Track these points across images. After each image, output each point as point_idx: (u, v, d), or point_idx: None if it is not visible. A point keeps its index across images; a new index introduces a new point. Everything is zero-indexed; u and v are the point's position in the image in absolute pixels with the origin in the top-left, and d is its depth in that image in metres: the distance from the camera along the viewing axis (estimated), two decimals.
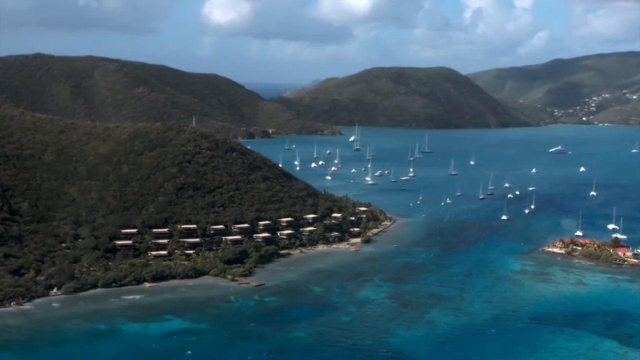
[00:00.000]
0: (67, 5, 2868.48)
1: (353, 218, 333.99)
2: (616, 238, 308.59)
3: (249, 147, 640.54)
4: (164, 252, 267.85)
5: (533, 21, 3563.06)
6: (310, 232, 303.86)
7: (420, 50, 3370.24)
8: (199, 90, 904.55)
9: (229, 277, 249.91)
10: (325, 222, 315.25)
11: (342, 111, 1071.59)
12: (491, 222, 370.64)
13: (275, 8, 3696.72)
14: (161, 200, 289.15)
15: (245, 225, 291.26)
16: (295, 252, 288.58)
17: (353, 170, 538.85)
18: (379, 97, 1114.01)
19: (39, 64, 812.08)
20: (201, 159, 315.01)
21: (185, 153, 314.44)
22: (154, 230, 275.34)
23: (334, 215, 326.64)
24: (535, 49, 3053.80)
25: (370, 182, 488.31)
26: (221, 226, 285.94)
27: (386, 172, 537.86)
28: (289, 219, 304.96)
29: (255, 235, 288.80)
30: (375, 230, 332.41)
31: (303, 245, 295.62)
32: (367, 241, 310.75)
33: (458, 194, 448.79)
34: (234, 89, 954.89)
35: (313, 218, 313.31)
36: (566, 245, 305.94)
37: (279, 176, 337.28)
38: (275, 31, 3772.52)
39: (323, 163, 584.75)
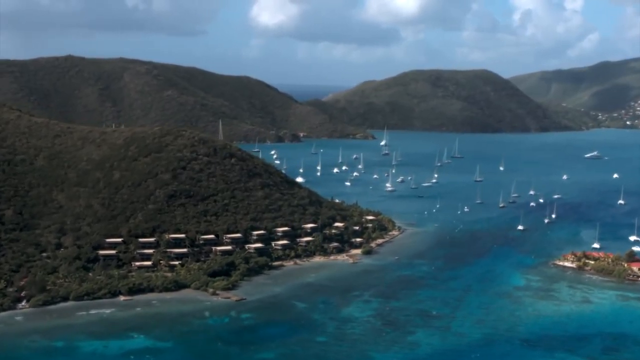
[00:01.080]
0: (116, 8, 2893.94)
1: (357, 228, 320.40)
2: (631, 252, 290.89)
3: (272, 151, 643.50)
4: (148, 263, 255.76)
5: (583, 23, 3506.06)
6: (307, 242, 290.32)
7: (468, 53, 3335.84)
8: (231, 93, 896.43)
9: (211, 290, 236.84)
10: (325, 232, 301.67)
11: (377, 114, 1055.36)
12: (506, 232, 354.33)
13: (322, 10, 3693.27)
14: (150, 208, 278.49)
15: (238, 235, 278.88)
16: (289, 264, 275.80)
17: (375, 176, 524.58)
18: (415, 100, 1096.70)
19: (69, 66, 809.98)
20: (197, 165, 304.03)
21: (181, 159, 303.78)
22: (140, 239, 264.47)
23: (336, 224, 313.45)
24: (585, 52, 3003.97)
25: (390, 189, 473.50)
26: (211, 236, 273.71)
27: (409, 178, 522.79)
28: (285, 228, 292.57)
29: (247, 246, 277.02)
30: (380, 241, 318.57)
31: (298, 256, 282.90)
32: (368, 252, 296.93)
33: (478, 201, 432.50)
34: (266, 92, 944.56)
35: (312, 228, 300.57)
36: (578, 259, 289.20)
37: (280, 183, 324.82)
38: (323, 33, 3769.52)
39: (346, 168, 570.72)
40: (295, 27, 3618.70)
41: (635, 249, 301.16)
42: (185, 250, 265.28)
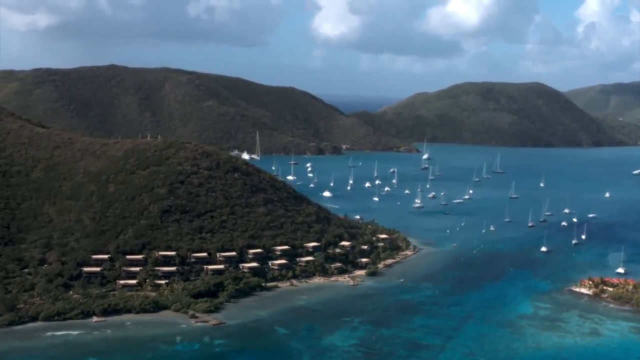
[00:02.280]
0: (179, 18, 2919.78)
1: (366, 247, 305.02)
2: None
3: (308, 164, 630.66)
4: (133, 282, 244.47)
5: None
6: (308, 262, 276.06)
7: (531, 65, 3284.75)
8: (274, 104, 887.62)
9: (190, 313, 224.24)
10: (329, 251, 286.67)
11: (425, 127, 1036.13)
12: (528, 254, 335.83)
13: (384, 21, 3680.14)
14: (142, 223, 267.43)
15: (232, 253, 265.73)
16: (284, 285, 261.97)
17: (407, 191, 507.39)
18: (465, 113, 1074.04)
19: (111, 75, 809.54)
20: (196, 179, 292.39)
21: (180, 173, 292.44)
22: (128, 256, 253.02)
23: (342, 243, 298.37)
24: None
25: (417, 205, 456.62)
26: (204, 254, 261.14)
27: (442, 193, 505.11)
28: (284, 247, 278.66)
29: (242, 265, 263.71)
30: (389, 261, 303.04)
31: (296, 277, 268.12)
32: (372, 274, 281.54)
33: (506, 220, 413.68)
34: (311, 103, 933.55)
35: (314, 247, 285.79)
36: (595, 285, 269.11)
37: (287, 199, 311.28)
38: (384, 45, 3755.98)
39: (379, 182, 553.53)
40: (357, 38, 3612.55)
41: None
42: (174, 268, 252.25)
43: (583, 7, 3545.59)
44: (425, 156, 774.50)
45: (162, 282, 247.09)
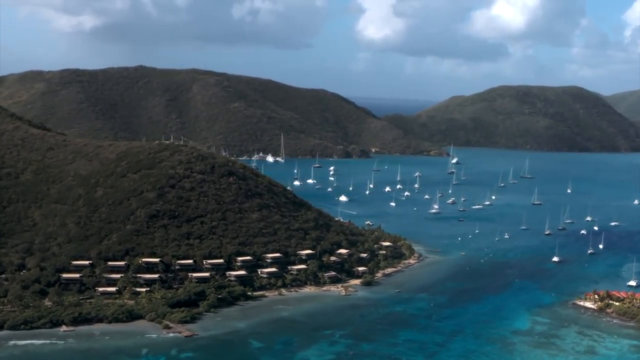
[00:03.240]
0: (223, 20, 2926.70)
1: (365, 255, 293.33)
2: None
3: (332, 167, 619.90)
4: (112, 289, 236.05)
5: None
6: (299, 271, 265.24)
7: (577, 69, 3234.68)
8: (304, 106, 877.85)
9: (164, 323, 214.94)
10: (323, 259, 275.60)
11: (459, 131, 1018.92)
12: (538, 263, 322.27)
13: (428, 24, 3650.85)
14: (128, 229, 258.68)
15: (219, 260, 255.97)
16: (272, 295, 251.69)
17: (426, 196, 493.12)
18: (500, 116, 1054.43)
19: (139, 76, 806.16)
20: (188, 183, 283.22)
21: (171, 176, 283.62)
22: (109, 263, 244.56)
23: (340, 251, 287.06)
24: None
25: (433, 211, 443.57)
26: (189, 261, 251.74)
27: (462, 199, 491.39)
28: (276, 254, 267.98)
29: (228, 273, 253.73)
30: (389, 270, 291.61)
31: (285, 286, 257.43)
32: (368, 283, 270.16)
33: (523, 227, 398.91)
34: (342, 106, 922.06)
35: (307, 254, 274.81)
36: (600, 299, 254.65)
37: (284, 205, 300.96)
38: (429, 48, 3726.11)
39: (400, 187, 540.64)
40: (401, 41, 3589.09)
41: None
42: (156, 276, 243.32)
43: (630, 10, 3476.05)
44: (454, 160, 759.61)
45: (143, 290, 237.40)
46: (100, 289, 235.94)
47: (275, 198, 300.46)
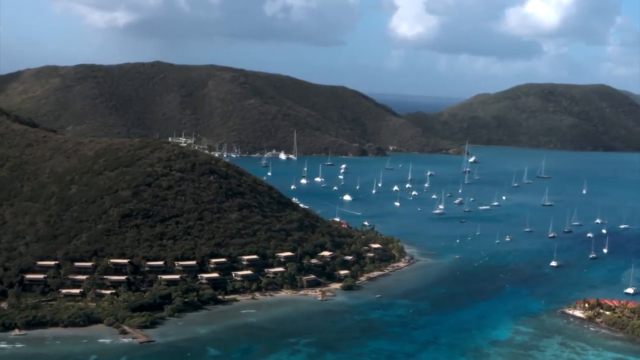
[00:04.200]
0: (256, 17, 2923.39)
1: (350, 257, 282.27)
2: None
3: (344, 165, 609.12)
4: (76, 291, 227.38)
5: None
6: (276, 274, 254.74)
7: (612, 68, 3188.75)
8: (322, 103, 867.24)
9: (122, 328, 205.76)
10: (303, 262, 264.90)
11: (481, 129, 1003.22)
12: (535, 268, 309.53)
13: (461, 22, 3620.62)
14: (99, 228, 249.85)
15: (192, 262, 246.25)
16: (244, 299, 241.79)
17: (434, 196, 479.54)
18: (524, 115, 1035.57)
19: (155, 72, 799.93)
20: (165, 181, 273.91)
21: (149, 174, 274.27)
22: (76, 263, 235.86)
23: (322, 253, 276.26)
24: None
25: (437, 211, 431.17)
26: (159, 263, 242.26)
27: (470, 199, 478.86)
28: (253, 256, 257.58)
29: (200, 276, 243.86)
30: (375, 274, 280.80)
31: (260, 289, 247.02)
32: (349, 288, 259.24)
33: (527, 229, 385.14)
34: (361, 103, 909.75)
35: (287, 257, 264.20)
36: (591, 308, 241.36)
37: (268, 204, 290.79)
38: (462, 45, 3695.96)
39: (409, 186, 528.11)
40: (434, 38, 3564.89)
41: None
42: (123, 277, 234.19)
43: None
44: (471, 159, 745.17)
45: (108, 292, 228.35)
46: (64, 291, 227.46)
47: (258, 197, 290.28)
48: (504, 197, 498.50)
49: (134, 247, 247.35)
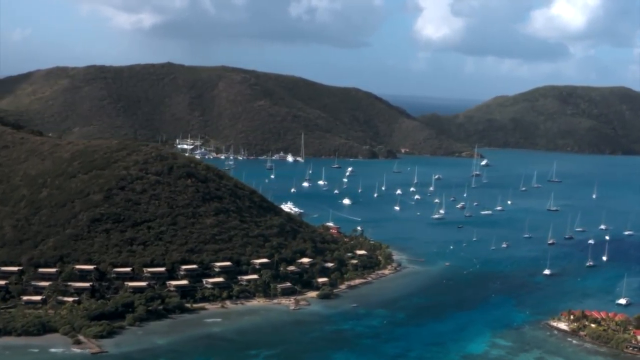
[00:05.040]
0: (281, 18, 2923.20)
1: (331, 264, 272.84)
2: None
3: (350, 168, 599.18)
4: (37, 298, 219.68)
5: None
6: (249, 281, 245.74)
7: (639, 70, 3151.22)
8: (334, 105, 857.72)
9: (75, 338, 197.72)
10: (280, 269, 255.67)
11: (497, 132, 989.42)
12: (527, 277, 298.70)
13: (487, 24, 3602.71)
14: (67, 233, 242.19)
15: (161, 269, 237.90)
16: (213, 307, 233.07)
17: (436, 200, 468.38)
18: (541, 117, 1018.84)
19: (165, 73, 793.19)
20: (139, 185, 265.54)
21: (122, 178, 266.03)
22: (40, 269, 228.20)
23: (301, 260, 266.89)
24: None
25: (437, 216, 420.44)
26: (127, 269, 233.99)
27: (474, 204, 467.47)
28: (226, 263, 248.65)
29: (169, 283, 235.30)
30: (357, 282, 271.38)
31: (231, 297, 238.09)
32: (325, 296, 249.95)
33: (526, 235, 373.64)
34: (374, 105, 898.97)
35: (262, 264, 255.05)
36: (576, 320, 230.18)
37: (247, 209, 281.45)
38: (488, 47, 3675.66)
39: (413, 190, 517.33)
40: (460, 40, 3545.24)
41: None
42: (87, 284, 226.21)
43: None
44: (483, 162, 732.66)
45: (70, 299, 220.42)
46: (25, 298, 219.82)
47: (237, 202, 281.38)
48: (509, 202, 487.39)
49: (102, 252, 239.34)
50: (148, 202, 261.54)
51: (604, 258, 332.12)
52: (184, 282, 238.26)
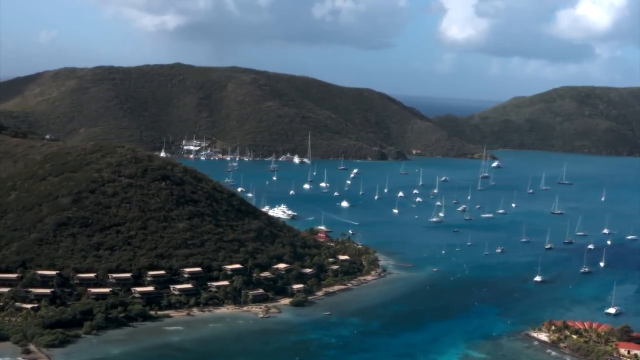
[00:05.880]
0: (304, 20, 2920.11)
1: (310, 270, 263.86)
2: (626, 326, 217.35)
3: (355, 169, 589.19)
4: None
5: None
6: (219, 287, 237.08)
7: None
8: (345, 106, 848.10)
9: (25, 348, 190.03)
10: (253, 275, 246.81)
11: (513, 133, 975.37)
12: (516, 284, 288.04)
13: (512, 25, 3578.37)
14: (31, 237, 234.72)
15: (126, 274, 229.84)
16: (179, 315, 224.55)
17: (438, 203, 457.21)
18: (558, 118, 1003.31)
19: (174, 74, 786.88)
20: (111, 188, 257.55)
21: (94, 180, 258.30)
22: (0, 275, 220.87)
23: (277, 266, 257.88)
24: None
25: (435, 219, 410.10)
26: (91, 275, 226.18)
27: (477, 206, 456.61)
28: (195, 269, 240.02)
29: (134, 289, 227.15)
30: (335, 288, 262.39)
31: (199, 304, 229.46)
32: (299, 304, 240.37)
33: (523, 240, 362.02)
34: (386, 106, 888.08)
35: (234, 269, 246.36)
36: (558, 330, 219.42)
37: (224, 213, 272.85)
38: (513, 48, 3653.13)
39: (417, 192, 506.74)
40: (485, 41, 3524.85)
41: None
42: (48, 290, 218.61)
43: None
44: (494, 164, 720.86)
45: (28, 306, 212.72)
46: None
47: (214, 205, 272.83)
48: (513, 205, 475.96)
49: (67, 257, 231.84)
50: (119, 205, 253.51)
51: (601, 264, 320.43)
52: (150, 288, 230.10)
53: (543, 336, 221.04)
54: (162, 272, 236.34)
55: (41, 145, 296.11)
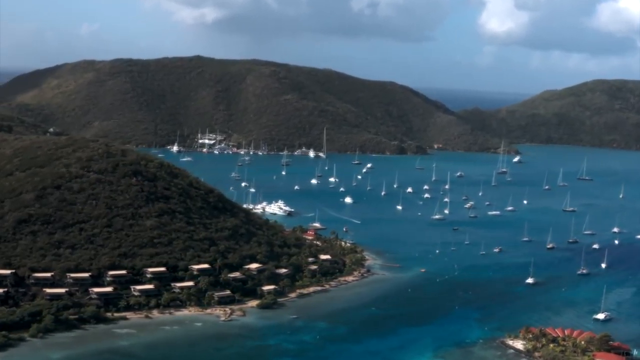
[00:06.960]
0: (342, 13, 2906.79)
1: (285, 271, 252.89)
2: (606, 335, 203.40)
3: (369, 164, 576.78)
4: None
5: None
6: (183, 288, 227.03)
7: None
8: (366, 99, 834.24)
9: None
10: (222, 275, 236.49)
11: (540, 127, 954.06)
12: (506, 286, 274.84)
13: (552, 17, 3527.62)
14: None
15: (84, 274, 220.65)
16: (136, 317, 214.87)
17: (446, 200, 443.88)
18: (587, 112, 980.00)
19: (192, 66, 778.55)
20: (78, 183, 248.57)
21: (60, 176, 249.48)
22: None
23: (249, 266, 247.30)
24: None
25: (437, 216, 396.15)
26: (48, 274, 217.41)
27: (486, 203, 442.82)
28: (159, 269, 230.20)
29: (92, 290, 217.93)
30: (310, 289, 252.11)
31: (160, 306, 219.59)
32: (267, 306, 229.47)
33: (525, 239, 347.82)
34: (409, 99, 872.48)
35: (201, 270, 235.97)
36: (535, 338, 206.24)
37: (198, 210, 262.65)
38: (554, 41, 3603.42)
39: (427, 187, 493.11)
40: (525, 35, 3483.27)
41: None
42: (1, 290, 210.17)
43: None
44: (516, 158, 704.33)
45: None
46: None
47: (187, 202, 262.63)
48: (525, 202, 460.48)
49: (25, 256, 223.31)
50: (85, 202, 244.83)
51: (603, 265, 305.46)
52: (109, 289, 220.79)
53: (519, 344, 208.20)
54: (124, 272, 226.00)
55: (13, 139, 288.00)
